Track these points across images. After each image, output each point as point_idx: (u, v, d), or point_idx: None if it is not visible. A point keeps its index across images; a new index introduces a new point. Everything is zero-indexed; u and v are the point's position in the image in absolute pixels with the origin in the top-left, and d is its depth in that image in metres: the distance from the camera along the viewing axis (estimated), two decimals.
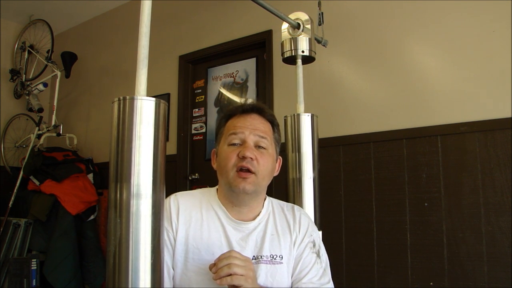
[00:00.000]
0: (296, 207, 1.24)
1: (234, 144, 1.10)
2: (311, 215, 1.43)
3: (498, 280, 1.86)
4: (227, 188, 1.11)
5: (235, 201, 1.12)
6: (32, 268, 2.79)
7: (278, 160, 1.20)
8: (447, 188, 2.04)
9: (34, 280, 2.78)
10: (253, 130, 1.11)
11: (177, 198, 1.15)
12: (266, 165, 1.10)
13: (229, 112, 1.18)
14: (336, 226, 2.33)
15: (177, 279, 1.08)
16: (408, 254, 2.10)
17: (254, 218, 1.14)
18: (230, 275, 0.95)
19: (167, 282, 1.07)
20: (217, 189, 1.19)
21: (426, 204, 2.08)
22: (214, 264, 0.97)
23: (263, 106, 1.17)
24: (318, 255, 1.16)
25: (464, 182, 2.00)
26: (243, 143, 1.10)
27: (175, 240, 1.09)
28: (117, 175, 0.83)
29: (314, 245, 1.17)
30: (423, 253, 2.06)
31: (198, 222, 1.12)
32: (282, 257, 1.12)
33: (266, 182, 1.13)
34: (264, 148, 1.11)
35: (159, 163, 0.85)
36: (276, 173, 1.19)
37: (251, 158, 1.07)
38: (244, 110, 1.15)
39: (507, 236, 1.87)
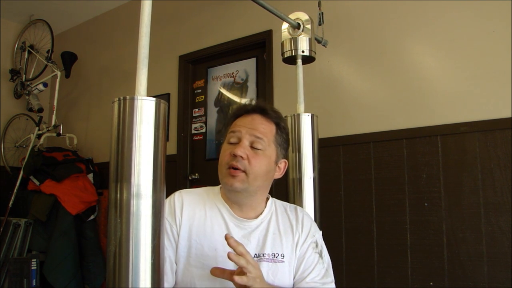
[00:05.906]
0: (299, 208, 1.25)
1: (232, 143, 1.12)
2: (311, 215, 1.43)
3: (498, 280, 1.87)
4: (222, 185, 1.13)
5: (232, 198, 1.14)
6: (32, 268, 2.79)
7: (284, 163, 1.19)
8: (447, 188, 2.04)
9: (34, 280, 2.78)
10: (250, 129, 1.11)
11: (182, 194, 1.16)
12: (259, 166, 1.09)
13: (235, 111, 1.19)
14: (336, 226, 2.33)
15: (179, 274, 1.09)
16: (408, 254, 2.10)
17: (256, 217, 1.16)
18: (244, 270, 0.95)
19: (169, 276, 1.08)
20: (220, 187, 1.20)
21: (426, 204, 2.08)
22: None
23: (266, 107, 1.17)
24: (320, 255, 1.17)
25: (464, 182, 2.00)
26: (239, 141, 1.11)
27: (178, 235, 1.11)
28: (117, 175, 0.83)
29: (316, 245, 1.18)
30: (423, 253, 2.06)
31: (201, 218, 1.13)
32: (283, 256, 1.12)
33: (259, 182, 1.11)
34: (260, 149, 1.11)
35: (159, 163, 0.86)
36: (279, 176, 1.19)
37: (242, 157, 1.07)
38: (247, 110, 1.16)
39: (507, 236, 1.87)
